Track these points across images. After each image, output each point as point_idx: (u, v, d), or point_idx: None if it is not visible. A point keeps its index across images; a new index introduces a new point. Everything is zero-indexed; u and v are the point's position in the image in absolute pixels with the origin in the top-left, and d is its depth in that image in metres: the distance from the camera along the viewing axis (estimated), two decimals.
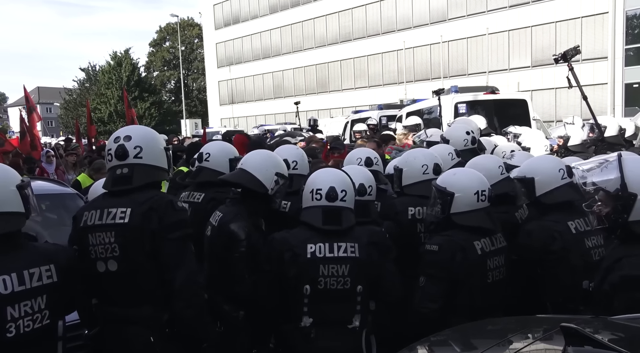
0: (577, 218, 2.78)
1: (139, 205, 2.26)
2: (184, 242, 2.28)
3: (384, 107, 14.21)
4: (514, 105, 10.30)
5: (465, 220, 2.65)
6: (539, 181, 2.85)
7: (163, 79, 53.46)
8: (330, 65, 35.40)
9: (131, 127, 2.54)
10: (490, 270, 2.65)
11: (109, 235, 2.27)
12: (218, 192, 3.11)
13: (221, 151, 3.31)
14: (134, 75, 42.72)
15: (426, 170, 3.22)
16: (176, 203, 2.32)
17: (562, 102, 23.19)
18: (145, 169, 2.36)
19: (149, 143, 2.39)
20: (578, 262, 2.71)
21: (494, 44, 26.64)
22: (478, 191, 2.68)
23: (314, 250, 2.46)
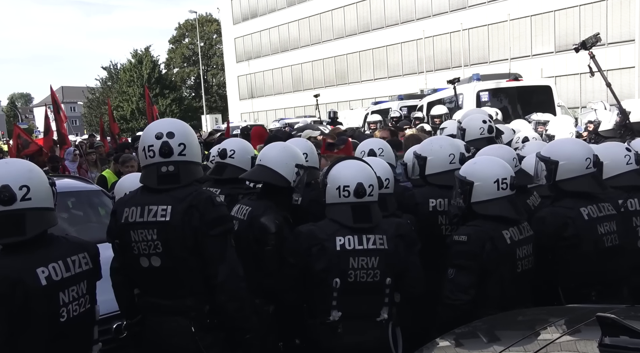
0: (590, 205, 2.76)
1: (179, 202, 2.29)
2: (225, 237, 2.32)
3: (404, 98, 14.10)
4: (537, 92, 10.11)
5: (486, 210, 2.61)
6: (563, 166, 2.80)
7: (183, 76, 53.91)
8: (349, 57, 35.22)
9: (168, 121, 2.49)
10: (520, 259, 2.61)
11: (152, 233, 2.31)
12: (233, 188, 3.15)
13: (244, 149, 3.35)
14: (155, 73, 43.20)
15: (453, 160, 3.17)
16: (215, 199, 2.34)
17: (587, 88, 22.64)
18: (189, 166, 2.39)
19: (190, 139, 2.40)
20: (590, 248, 2.70)
21: (516, 30, 26.12)
22: (498, 179, 2.62)
23: (343, 243, 2.44)
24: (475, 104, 9.39)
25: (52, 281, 2.03)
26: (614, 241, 2.77)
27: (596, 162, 2.80)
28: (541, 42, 25.84)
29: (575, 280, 2.72)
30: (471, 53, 28.18)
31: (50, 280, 2.02)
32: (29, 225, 2.01)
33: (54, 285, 2.03)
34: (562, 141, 3.15)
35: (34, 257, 2.02)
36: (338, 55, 35.59)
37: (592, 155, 2.85)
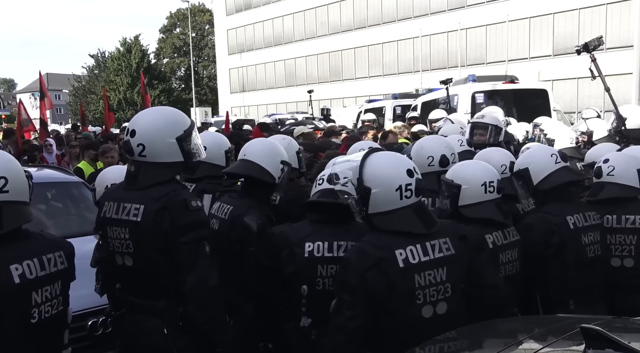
0: (577, 213, 2.81)
1: (153, 202, 2.25)
2: (197, 244, 2.26)
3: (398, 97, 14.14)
4: (534, 95, 10.18)
5: (474, 213, 2.62)
6: (533, 169, 2.89)
7: (173, 66, 53.60)
8: (343, 53, 35.21)
9: (141, 116, 2.42)
10: (503, 264, 2.63)
11: (124, 232, 2.30)
12: (209, 184, 3.08)
13: (217, 143, 3.25)
14: (144, 62, 42.88)
15: (432, 162, 3.17)
16: (190, 203, 2.27)
17: (584, 93, 22.82)
18: (151, 168, 2.31)
19: (154, 138, 2.29)
20: (572, 257, 2.75)
21: (514, 31, 26.26)
22: (486, 182, 2.65)
23: (311, 249, 2.40)
24: (470, 106, 9.43)
25: (26, 279, 1.95)
26: (597, 252, 2.82)
27: (563, 156, 2.94)
28: (539, 44, 26.00)
29: (554, 288, 2.76)
30: (468, 53, 28.28)
31: (23, 278, 1.95)
32: (5, 219, 1.96)
33: (28, 283, 1.96)
34: (524, 153, 3.22)
35: (8, 252, 1.96)
36: (333, 50, 35.56)
37: (557, 151, 3.01)
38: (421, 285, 2.03)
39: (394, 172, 2.09)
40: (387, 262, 2.02)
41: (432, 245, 2.09)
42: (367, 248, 2.06)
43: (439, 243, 2.10)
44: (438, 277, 2.06)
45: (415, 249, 2.05)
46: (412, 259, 2.04)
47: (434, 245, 2.09)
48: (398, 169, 2.10)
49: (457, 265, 2.11)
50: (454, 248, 2.11)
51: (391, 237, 2.06)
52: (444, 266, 2.08)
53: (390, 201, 2.07)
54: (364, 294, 2.01)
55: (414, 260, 2.04)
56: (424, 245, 2.07)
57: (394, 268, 2.01)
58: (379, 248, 2.04)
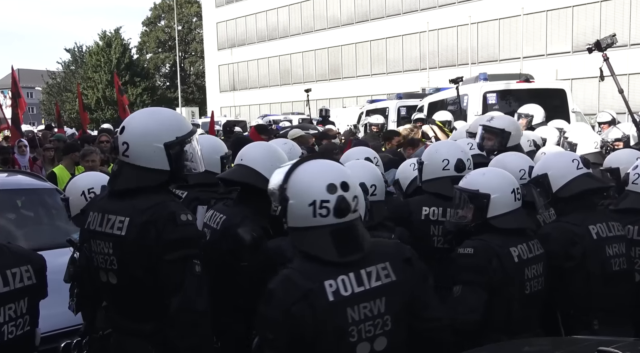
0: (600, 222, 2.83)
1: (139, 215, 2.23)
2: (184, 263, 2.23)
3: (403, 97, 14.16)
4: (550, 95, 10.18)
5: (507, 223, 2.66)
6: (552, 175, 2.91)
7: (157, 62, 53.66)
8: (344, 49, 35.32)
9: (136, 114, 2.43)
10: (529, 280, 2.64)
11: (108, 246, 2.29)
12: (202, 191, 3.07)
13: (212, 148, 3.24)
14: (125, 58, 42.92)
15: (447, 166, 3.21)
16: (179, 216, 2.24)
17: (607, 93, 22.90)
18: (132, 170, 2.30)
19: (139, 139, 2.29)
20: (596, 270, 2.75)
21: (529, 26, 26.39)
22: (514, 189, 2.70)
23: None
24: (481, 107, 9.46)
25: None
26: (622, 265, 2.82)
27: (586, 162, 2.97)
28: (557, 40, 26.14)
29: (576, 305, 2.77)
30: (479, 50, 28.40)
31: None
32: None
33: None
34: (543, 157, 3.31)
35: None
36: (332, 46, 35.68)
37: (578, 156, 3.03)
38: (355, 321, 1.91)
39: (312, 184, 1.95)
40: (315, 294, 1.90)
41: (367, 272, 1.96)
42: (295, 277, 1.94)
43: (377, 270, 1.98)
44: (375, 309, 1.95)
45: (347, 279, 1.93)
46: (344, 291, 1.91)
47: (370, 273, 1.96)
48: (317, 182, 1.94)
49: (399, 293, 1.99)
50: (394, 273, 2.00)
51: (320, 264, 1.94)
52: (382, 296, 1.96)
53: (303, 217, 1.95)
54: (288, 332, 1.90)
55: (346, 292, 1.91)
56: (358, 273, 1.95)
57: (322, 301, 1.90)
58: (308, 278, 1.92)
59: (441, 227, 3.16)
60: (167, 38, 52.99)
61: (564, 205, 2.92)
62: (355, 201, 1.97)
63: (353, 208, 1.96)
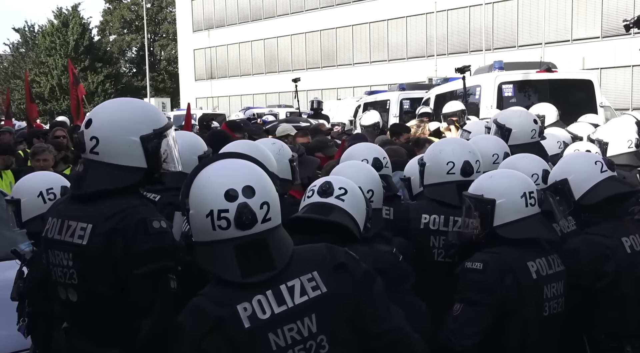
0: (633, 234, 2.84)
1: (104, 221, 2.21)
2: (157, 278, 2.21)
3: (406, 88, 14.19)
4: (576, 87, 10.26)
5: (515, 232, 2.65)
6: (573, 180, 2.93)
7: (122, 45, 53.50)
8: (338, 32, 35.38)
9: (104, 105, 2.40)
10: (548, 300, 2.65)
11: (67, 257, 2.27)
12: (177, 195, 3.09)
13: (189, 146, 3.19)
14: (84, 39, 42.76)
15: (451, 169, 3.22)
16: (152, 224, 2.22)
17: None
18: (103, 169, 2.28)
19: (110, 132, 2.26)
20: (629, 290, 2.76)
21: (553, 6, 26.57)
22: (525, 193, 2.69)
23: None
24: (495, 100, 9.52)
25: None
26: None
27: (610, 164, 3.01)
28: (584, 23, 26.32)
29: (607, 329, 2.77)
30: (495, 34, 28.54)
31: None
32: None
33: None
34: (562, 160, 3.29)
35: None
36: (325, 28, 35.72)
37: (601, 157, 3.06)
38: (280, 347, 1.83)
39: (208, 191, 1.87)
40: (227, 322, 1.82)
41: (289, 287, 1.87)
42: (204, 305, 1.86)
43: (301, 283, 1.89)
44: (305, 330, 1.86)
45: (264, 299, 1.85)
46: (262, 314, 1.83)
47: (292, 288, 1.88)
48: (214, 188, 1.87)
49: (333, 307, 1.90)
50: (325, 284, 1.91)
51: (231, 286, 1.86)
52: (310, 314, 1.87)
53: (203, 230, 1.88)
54: None
55: (264, 314, 1.83)
56: (278, 289, 1.86)
57: (237, 330, 1.81)
58: (218, 303, 1.84)
59: (442, 238, 3.17)
60: (134, 17, 52.86)
61: (589, 214, 2.93)
62: (265, 209, 1.87)
63: (263, 218, 1.86)
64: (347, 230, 2.38)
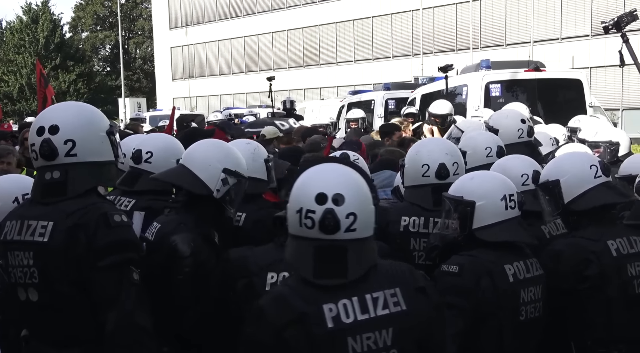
0: (620, 237, 2.88)
1: (65, 218, 2.29)
2: (120, 270, 2.29)
3: (392, 87, 14.24)
4: (564, 86, 10.37)
5: (494, 235, 2.69)
6: (566, 182, 2.96)
7: (95, 43, 53.20)
8: (321, 29, 35.43)
9: (56, 108, 2.51)
10: (525, 304, 2.69)
11: (27, 257, 2.32)
12: (154, 200, 3.13)
13: (167, 149, 3.30)
14: (55, 37, 42.53)
15: (426, 172, 3.26)
16: (113, 218, 2.32)
17: (632, 85, 23.42)
18: (83, 169, 2.38)
19: (85, 131, 2.38)
20: (615, 294, 2.80)
21: (542, 4, 26.84)
22: (505, 196, 2.73)
23: (275, 281, 2.43)
24: (482, 100, 9.59)
25: None
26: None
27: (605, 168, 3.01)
28: (574, 22, 26.61)
29: (593, 335, 2.81)
30: (483, 32, 28.76)
31: None
32: None
33: None
34: (556, 159, 3.33)
35: None
36: (307, 26, 35.76)
37: (597, 161, 3.09)
38: (356, 352, 1.96)
39: (304, 189, 2.04)
40: (312, 319, 1.95)
41: (374, 298, 2.00)
42: (289, 296, 2.00)
43: (385, 297, 2.02)
44: (381, 341, 1.99)
45: (350, 304, 1.98)
46: (345, 318, 1.96)
47: (376, 299, 2.01)
48: (310, 189, 2.03)
49: (409, 325, 2.04)
50: (405, 302, 2.04)
51: (315, 287, 1.99)
52: (389, 327, 2.00)
53: (292, 223, 2.05)
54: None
55: (348, 319, 1.96)
56: (363, 298, 2.00)
57: (319, 329, 1.94)
58: (304, 299, 1.98)
59: (423, 240, 3.20)
60: (108, 13, 52.59)
61: (577, 218, 2.97)
62: (351, 219, 1.97)
63: (347, 227, 1.96)
64: None
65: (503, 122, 4.35)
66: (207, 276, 2.63)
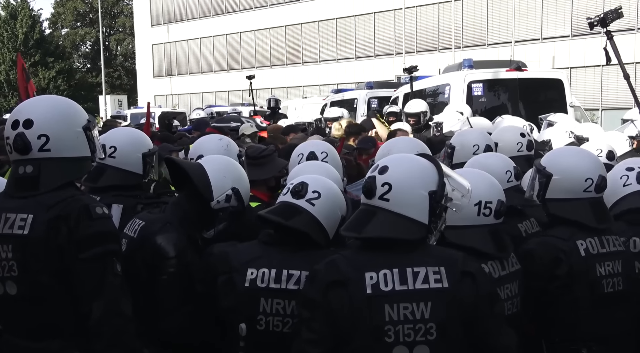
0: (591, 237, 2.89)
1: (45, 211, 2.31)
2: (103, 261, 2.32)
3: (374, 86, 14.31)
4: (545, 86, 10.47)
5: (461, 239, 2.68)
6: (557, 182, 2.94)
7: (75, 39, 52.74)
8: (304, 28, 35.41)
9: (33, 102, 2.55)
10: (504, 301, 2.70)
11: (6, 250, 2.34)
12: (118, 196, 3.13)
13: (131, 143, 3.27)
14: (34, 33, 42.09)
15: None
16: (94, 210, 2.36)
17: (611, 85, 23.67)
18: (56, 164, 2.39)
19: (59, 126, 2.40)
20: (583, 293, 2.83)
21: (523, 5, 27.03)
22: (481, 202, 2.70)
23: (254, 277, 2.45)
24: (465, 99, 9.64)
25: None
26: (617, 286, 2.91)
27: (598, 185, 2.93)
28: (554, 22, 26.83)
29: (562, 332, 2.85)
30: (465, 32, 28.91)
31: None
32: None
33: None
34: (564, 150, 3.33)
35: None
36: (290, 24, 35.73)
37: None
38: (393, 320, 2.13)
39: None
40: (353, 284, 2.14)
41: (414, 272, 2.16)
42: (339, 262, 2.21)
43: (426, 272, 2.17)
44: (418, 313, 2.14)
45: (390, 274, 2.16)
46: (384, 286, 2.14)
47: (417, 273, 2.16)
48: None
49: (450, 303, 2.17)
50: (448, 281, 2.18)
51: (368, 255, 2.21)
52: (427, 301, 2.15)
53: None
54: (326, 317, 2.15)
55: (386, 287, 2.14)
56: (404, 271, 2.16)
57: (359, 293, 2.14)
58: (351, 266, 2.18)
59: None
60: (88, 9, 52.16)
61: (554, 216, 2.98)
62: (385, 188, 2.23)
63: (379, 194, 2.23)
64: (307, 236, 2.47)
65: (502, 135, 4.41)
66: (192, 277, 2.62)
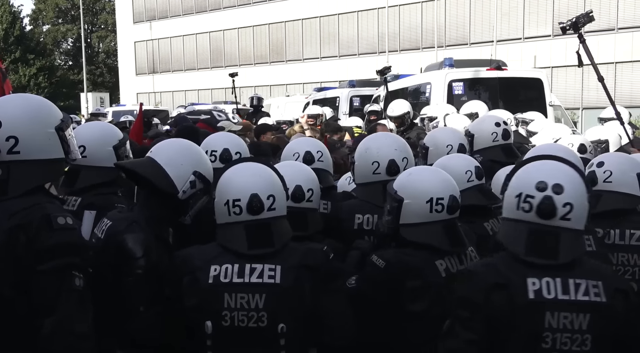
0: None
1: (7, 218, 2.23)
2: (62, 275, 2.23)
3: (357, 84, 14.34)
4: (525, 85, 10.56)
5: (414, 235, 2.72)
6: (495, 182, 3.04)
7: (56, 36, 52.29)
8: (287, 26, 35.37)
9: (2, 101, 2.43)
10: None
11: None
12: (98, 195, 3.05)
13: (99, 138, 3.16)
14: (15, 29, 41.71)
15: (377, 169, 3.26)
16: (56, 220, 2.25)
17: (591, 84, 23.80)
18: (27, 167, 2.30)
19: (30, 127, 2.31)
20: None
21: (504, 4, 27.19)
22: (432, 198, 2.73)
23: (218, 274, 2.45)
24: (445, 98, 9.70)
25: None
26: None
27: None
28: (536, 22, 27.03)
29: None
30: (448, 31, 29.03)
31: None
32: None
33: None
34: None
35: None
36: (273, 22, 35.67)
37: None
38: (552, 327, 2.17)
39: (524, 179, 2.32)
40: (516, 287, 2.18)
41: (576, 283, 2.20)
42: (498, 265, 2.25)
43: (587, 285, 2.21)
44: (577, 323, 2.17)
45: (552, 282, 2.19)
46: (547, 293, 2.18)
47: (578, 285, 2.20)
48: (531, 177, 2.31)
49: (606, 317, 2.20)
50: (605, 296, 2.21)
51: (520, 263, 2.23)
52: (586, 313, 2.18)
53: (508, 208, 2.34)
54: (485, 318, 2.18)
55: (549, 295, 2.18)
56: (566, 281, 2.20)
57: (521, 298, 2.17)
58: (511, 269, 2.22)
59: None
60: (70, 6, 51.68)
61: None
62: (567, 208, 2.20)
63: (560, 215, 2.20)
64: None
65: (478, 127, 4.43)
66: (159, 277, 2.59)
